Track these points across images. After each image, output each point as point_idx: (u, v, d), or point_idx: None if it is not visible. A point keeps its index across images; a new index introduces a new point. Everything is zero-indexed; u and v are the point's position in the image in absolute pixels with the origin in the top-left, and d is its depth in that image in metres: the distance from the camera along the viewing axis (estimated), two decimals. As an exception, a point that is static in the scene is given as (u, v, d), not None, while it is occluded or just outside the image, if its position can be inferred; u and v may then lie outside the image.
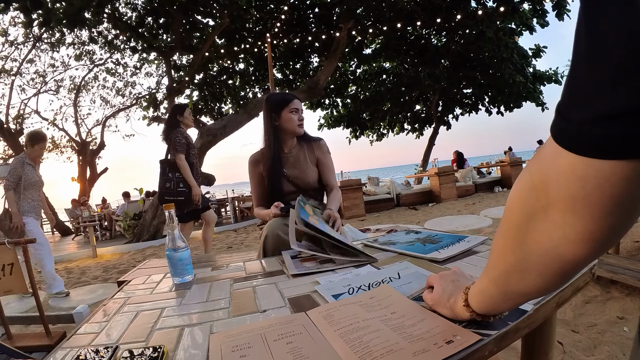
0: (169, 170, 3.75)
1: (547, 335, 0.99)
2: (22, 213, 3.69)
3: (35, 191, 3.87)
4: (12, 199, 3.66)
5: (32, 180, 3.80)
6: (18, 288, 1.83)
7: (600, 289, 2.46)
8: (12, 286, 1.81)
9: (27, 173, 3.75)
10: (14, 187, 3.67)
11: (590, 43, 0.29)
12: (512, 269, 0.48)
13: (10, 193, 3.65)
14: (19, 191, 3.70)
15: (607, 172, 0.31)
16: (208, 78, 10.78)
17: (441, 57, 12.80)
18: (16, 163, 3.73)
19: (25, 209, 3.73)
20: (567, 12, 8.01)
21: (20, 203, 3.70)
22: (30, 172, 3.79)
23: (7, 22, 12.09)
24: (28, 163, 3.80)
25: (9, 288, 1.81)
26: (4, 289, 1.81)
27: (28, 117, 14.99)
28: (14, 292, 1.83)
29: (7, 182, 3.65)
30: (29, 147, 3.82)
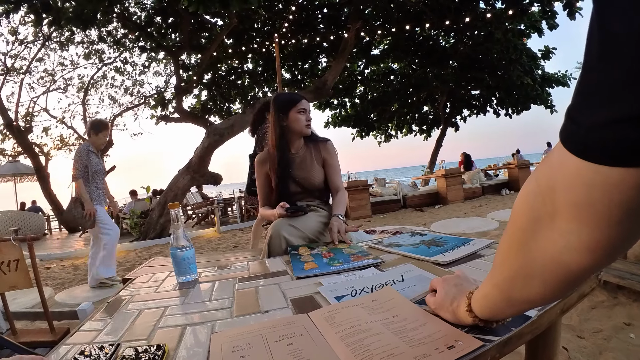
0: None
1: (551, 341, 0.97)
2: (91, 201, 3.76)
3: (100, 179, 3.95)
4: (83, 186, 3.73)
5: (97, 168, 3.87)
6: (22, 284, 1.85)
7: (607, 294, 2.43)
8: (16, 282, 1.84)
9: (92, 161, 3.81)
10: (82, 176, 3.74)
11: (602, 45, 0.29)
12: (516, 274, 0.47)
13: (80, 181, 3.72)
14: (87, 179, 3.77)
15: (615, 179, 0.30)
16: (216, 78, 10.83)
17: (449, 58, 12.74)
18: (81, 152, 3.77)
19: (92, 197, 3.80)
20: (578, 10, 7.89)
21: (88, 191, 3.78)
22: (94, 160, 3.85)
23: (17, 21, 12.21)
24: (92, 151, 3.85)
25: (14, 283, 1.84)
26: (9, 285, 1.83)
27: (37, 115, 15.15)
28: (18, 288, 1.85)
29: (76, 170, 3.72)
30: (93, 135, 3.87)
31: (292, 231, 1.69)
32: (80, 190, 3.72)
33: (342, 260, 1.29)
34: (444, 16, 9.42)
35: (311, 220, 1.79)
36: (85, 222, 3.72)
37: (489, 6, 9.51)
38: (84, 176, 3.76)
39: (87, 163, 3.77)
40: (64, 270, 5.52)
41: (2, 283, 1.84)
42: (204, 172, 8.62)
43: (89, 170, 3.78)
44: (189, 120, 9.70)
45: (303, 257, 1.39)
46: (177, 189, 8.40)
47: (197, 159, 8.46)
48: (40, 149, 14.97)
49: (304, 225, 1.74)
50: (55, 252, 7.45)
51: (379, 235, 1.82)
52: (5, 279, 1.83)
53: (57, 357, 0.77)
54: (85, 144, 3.85)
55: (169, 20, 8.81)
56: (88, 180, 3.79)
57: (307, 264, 1.29)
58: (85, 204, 3.70)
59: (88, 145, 3.85)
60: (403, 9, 9.92)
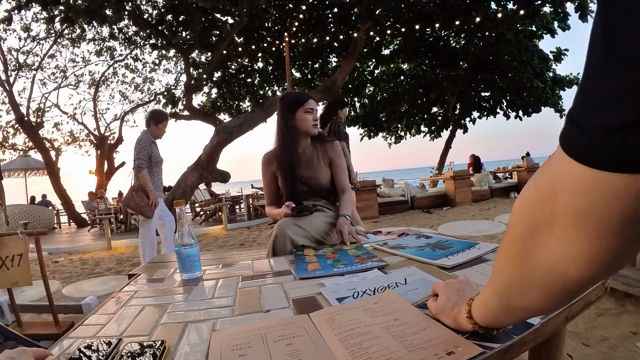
0: None
1: (555, 349, 0.96)
2: None
3: (160, 169, 3.98)
4: (147, 176, 3.75)
5: (158, 158, 3.90)
6: (23, 280, 1.86)
7: (614, 301, 2.40)
8: (17, 278, 1.83)
9: (154, 151, 3.84)
10: (147, 166, 3.76)
11: (605, 50, 0.28)
12: (513, 282, 0.46)
13: (145, 171, 3.74)
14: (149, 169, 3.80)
15: (617, 186, 0.29)
16: (226, 76, 10.85)
17: (460, 59, 12.66)
18: (145, 142, 3.77)
19: (154, 186, 3.83)
20: (590, 12, 7.81)
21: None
22: (155, 151, 3.88)
23: (30, 18, 12.37)
24: (153, 141, 3.88)
25: (15, 280, 1.83)
26: (10, 281, 1.83)
27: (48, 111, 15.37)
28: (19, 285, 1.85)
29: (140, 160, 3.72)
30: (154, 125, 3.89)
31: (298, 231, 1.69)
32: (145, 180, 3.74)
33: (345, 262, 1.29)
34: (455, 16, 9.35)
35: (317, 220, 1.78)
36: (147, 211, 3.75)
37: (500, 7, 9.43)
38: (147, 166, 3.78)
39: (150, 153, 3.79)
40: (72, 264, 5.59)
41: (4, 279, 1.84)
42: (212, 169, 8.67)
43: (152, 161, 3.83)
44: (198, 117, 9.75)
45: (307, 258, 1.39)
46: (185, 186, 8.45)
47: (206, 157, 8.50)
48: (51, 144, 15.19)
49: (309, 225, 1.74)
50: (64, 246, 7.54)
51: (384, 237, 1.81)
52: (7, 274, 1.83)
53: (60, 350, 0.78)
54: (146, 135, 3.84)
55: (180, 19, 8.85)
56: (151, 170, 3.82)
57: (311, 264, 1.29)
58: (149, 194, 3.73)
59: (149, 135, 3.86)
60: (413, 9, 9.87)
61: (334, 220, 1.84)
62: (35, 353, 0.63)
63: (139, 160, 3.71)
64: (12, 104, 11.57)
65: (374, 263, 1.23)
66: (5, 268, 1.81)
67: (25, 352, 0.61)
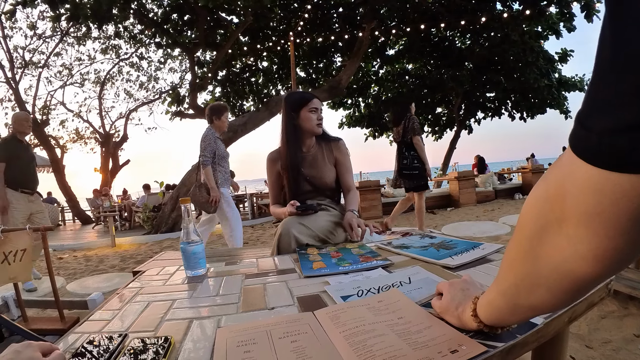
0: (406, 149, 4.76)
1: (558, 350, 0.96)
2: (219, 185, 3.84)
3: (226, 162, 4.01)
4: (210, 173, 3.79)
5: (224, 152, 3.94)
6: (23, 276, 1.86)
7: (618, 304, 2.39)
8: (17, 273, 1.84)
9: (219, 146, 3.87)
10: (210, 162, 3.80)
11: (615, 50, 0.28)
12: (521, 281, 0.47)
13: (209, 168, 3.78)
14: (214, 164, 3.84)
15: (625, 186, 0.30)
16: (231, 75, 10.87)
17: (465, 59, 12.62)
18: (209, 139, 3.80)
19: (221, 181, 3.88)
20: (596, 13, 7.77)
21: (216, 175, 3.85)
22: (220, 145, 3.91)
23: (36, 16, 12.46)
24: (217, 137, 3.91)
25: (14, 275, 1.84)
26: (10, 276, 1.83)
27: (54, 109, 15.44)
28: (17, 280, 1.86)
29: (205, 157, 3.76)
30: (216, 120, 3.91)
31: (302, 229, 1.69)
32: (209, 177, 3.77)
33: (350, 260, 1.29)
34: (460, 17, 9.33)
35: (321, 219, 1.79)
36: (208, 207, 3.80)
37: (505, 7, 9.39)
38: (211, 162, 3.82)
39: (215, 149, 3.81)
40: (76, 261, 5.62)
41: (4, 274, 1.84)
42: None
43: (217, 155, 3.85)
44: (203, 116, 9.76)
45: (311, 257, 1.39)
46: (190, 184, 8.45)
47: (211, 155, 8.52)
48: (57, 141, 15.29)
49: (314, 224, 1.74)
50: (68, 242, 7.58)
51: (388, 236, 1.81)
52: (8, 269, 1.84)
53: (66, 345, 0.78)
54: (210, 130, 3.86)
55: (185, 18, 8.88)
56: (215, 165, 3.85)
57: (316, 263, 1.29)
58: (211, 191, 3.75)
59: (213, 131, 3.88)
60: (419, 9, 9.85)
61: (338, 219, 1.84)
62: (41, 347, 0.63)
63: (203, 157, 3.77)
64: (18, 101, 11.66)
65: (378, 262, 1.23)
66: (6, 263, 1.81)
67: (31, 346, 0.62)
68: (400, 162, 4.83)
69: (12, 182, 3.87)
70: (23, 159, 4.03)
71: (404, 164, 4.77)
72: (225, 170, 3.96)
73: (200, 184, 3.84)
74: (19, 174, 3.94)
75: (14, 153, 3.94)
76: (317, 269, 1.22)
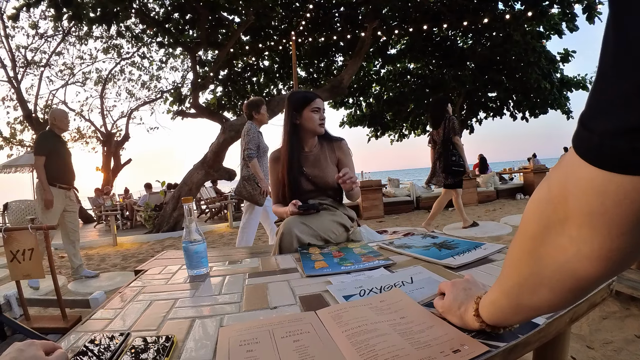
0: (453, 147, 5.07)
1: (559, 351, 0.96)
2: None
3: (266, 157, 4.02)
4: (257, 165, 3.86)
5: (265, 147, 4.00)
6: (36, 273, 1.89)
7: (619, 305, 2.39)
8: (30, 271, 1.88)
9: (261, 141, 3.95)
10: (256, 155, 3.88)
11: (618, 52, 0.28)
12: (524, 281, 0.47)
13: (255, 161, 3.85)
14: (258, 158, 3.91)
15: (628, 187, 0.30)
16: (232, 74, 10.87)
17: (467, 59, 12.59)
18: (253, 132, 3.89)
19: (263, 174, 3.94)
20: (597, 14, 7.77)
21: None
22: (262, 139, 3.99)
23: (38, 16, 12.49)
24: (259, 131, 3.98)
25: (27, 272, 1.87)
26: (23, 274, 1.87)
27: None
28: (31, 277, 1.89)
29: (250, 150, 3.83)
30: (256, 114, 4.01)
31: (304, 229, 1.69)
32: (256, 169, 3.86)
33: (352, 260, 1.29)
34: (462, 17, 9.32)
35: (323, 219, 1.79)
36: (260, 199, 3.91)
37: (508, 7, 9.38)
38: (264, 154, 3.94)
39: (258, 143, 3.90)
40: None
41: (17, 271, 1.88)
42: (218, 167, 8.69)
43: (260, 149, 3.93)
44: (205, 115, 9.78)
45: (313, 256, 1.39)
46: (191, 184, 8.48)
47: (212, 155, 8.52)
48: (58, 140, 15.25)
49: (316, 223, 1.74)
50: (70, 241, 7.57)
51: (390, 236, 1.81)
52: (20, 267, 1.87)
53: (68, 344, 0.79)
54: (252, 125, 3.95)
55: (187, 17, 8.88)
56: (259, 158, 3.91)
57: (318, 262, 1.29)
58: (260, 182, 3.86)
59: (255, 125, 3.97)
60: (421, 9, 9.84)
61: (340, 219, 1.85)
62: (43, 345, 0.63)
63: (248, 150, 3.83)
64: (20, 100, 11.68)
65: (380, 262, 1.24)
66: (16, 261, 1.83)
67: (34, 344, 0.62)
68: (448, 159, 5.06)
69: (50, 177, 3.90)
70: (62, 154, 4.07)
71: (452, 160, 5.04)
72: (265, 164, 3.99)
73: (246, 177, 3.92)
74: (57, 169, 3.97)
75: (54, 148, 3.98)
76: (319, 268, 1.22)
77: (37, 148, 3.93)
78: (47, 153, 3.90)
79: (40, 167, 3.86)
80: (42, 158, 3.86)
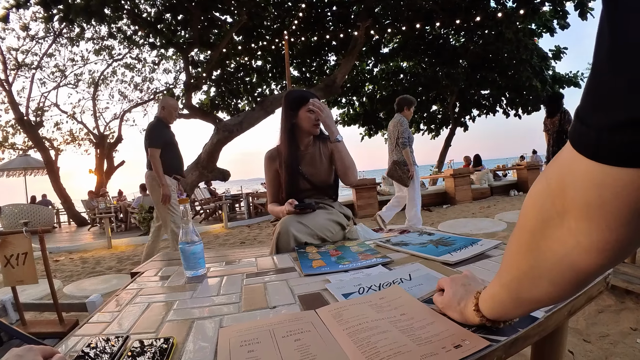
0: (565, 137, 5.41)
1: (557, 344, 0.97)
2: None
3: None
4: (409, 153, 4.69)
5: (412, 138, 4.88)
6: (29, 278, 1.87)
7: (615, 298, 2.41)
8: (23, 276, 1.85)
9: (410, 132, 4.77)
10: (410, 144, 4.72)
11: (613, 46, 0.29)
12: (524, 275, 0.47)
13: (407, 149, 4.70)
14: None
15: (625, 180, 0.30)
16: (225, 74, 10.84)
17: (459, 57, 12.65)
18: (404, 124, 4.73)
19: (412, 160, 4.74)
20: (590, 10, 7.82)
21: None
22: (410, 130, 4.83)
23: (29, 17, 12.37)
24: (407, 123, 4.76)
25: (21, 278, 1.85)
26: (16, 279, 1.85)
27: (48, 110, 15.34)
28: (25, 283, 1.86)
29: (404, 139, 4.68)
30: (408, 110, 4.81)
31: (301, 228, 1.69)
32: (408, 156, 4.69)
33: (350, 258, 1.29)
34: (455, 15, 9.36)
35: (320, 218, 1.79)
36: (407, 180, 4.76)
37: (500, 5, 9.43)
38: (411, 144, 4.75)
39: (409, 134, 4.72)
40: (73, 263, 5.59)
41: (10, 277, 1.85)
42: (212, 168, 8.67)
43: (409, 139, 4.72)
44: (198, 116, 9.74)
45: (311, 255, 1.39)
46: (185, 185, 8.43)
47: (206, 155, 8.50)
48: (51, 143, 15.17)
49: (312, 222, 1.74)
50: (64, 245, 7.54)
51: (386, 234, 1.82)
52: (13, 272, 1.84)
53: (66, 348, 0.78)
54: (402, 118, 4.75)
55: (179, 17, 8.84)
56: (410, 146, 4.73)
57: (315, 261, 1.29)
58: (410, 166, 4.70)
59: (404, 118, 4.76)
60: (413, 8, 9.86)
61: (336, 217, 1.85)
62: (42, 351, 0.63)
63: (402, 139, 4.68)
64: (12, 103, 11.56)
65: (378, 259, 1.24)
66: (10, 267, 1.81)
67: (32, 350, 0.61)
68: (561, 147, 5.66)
69: (166, 168, 3.79)
70: (175, 144, 4.00)
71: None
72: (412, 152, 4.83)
73: (396, 162, 4.80)
74: (172, 160, 3.90)
75: (168, 138, 3.90)
76: (317, 267, 1.22)
77: (152, 140, 3.78)
78: (163, 144, 3.80)
79: (157, 159, 3.71)
80: (158, 150, 3.73)
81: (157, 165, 3.72)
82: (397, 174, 4.75)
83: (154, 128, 3.88)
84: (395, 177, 4.80)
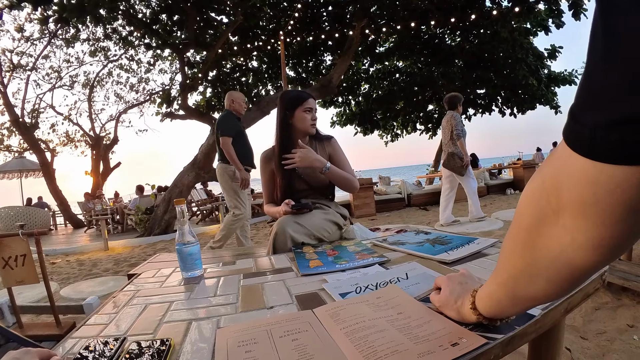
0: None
1: (554, 341, 0.97)
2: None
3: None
4: (464, 144, 5.12)
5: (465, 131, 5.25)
6: (30, 279, 1.87)
7: (611, 295, 2.42)
8: (23, 277, 1.85)
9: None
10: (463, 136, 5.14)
11: (606, 44, 0.29)
12: (520, 273, 0.47)
13: (462, 140, 5.13)
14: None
15: (619, 178, 0.30)
16: (221, 75, 10.82)
17: (455, 56, 12.66)
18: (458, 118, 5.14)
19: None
20: (583, 11, 7.87)
21: None
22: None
23: (24, 19, 12.29)
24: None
25: (21, 278, 1.85)
26: (16, 280, 1.85)
27: (43, 112, 15.27)
28: (25, 283, 1.86)
29: (458, 131, 5.14)
30: (459, 106, 5.31)
31: (297, 228, 1.69)
32: (463, 146, 5.14)
33: (347, 258, 1.29)
34: (450, 14, 9.37)
35: (316, 218, 1.79)
36: (462, 170, 5.22)
37: (495, 4, 9.45)
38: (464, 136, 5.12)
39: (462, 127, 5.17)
40: (69, 265, 5.56)
41: (10, 278, 1.85)
42: (209, 169, 8.64)
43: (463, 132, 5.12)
44: (194, 117, 9.71)
45: (308, 255, 1.39)
46: (182, 186, 8.42)
47: (203, 156, 8.47)
48: (46, 145, 15.10)
49: (309, 222, 1.74)
50: (60, 247, 7.50)
51: (383, 233, 1.82)
52: (12, 273, 1.84)
53: (63, 351, 0.77)
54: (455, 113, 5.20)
55: (175, 18, 8.82)
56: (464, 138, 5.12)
57: (312, 261, 1.29)
58: (465, 157, 5.16)
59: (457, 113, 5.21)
60: (409, 7, 9.87)
61: (333, 217, 1.85)
62: (39, 353, 0.62)
63: (457, 131, 5.10)
64: (7, 105, 11.51)
65: (375, 259, 1.24)
66: (9, 268, 1.81)
67: (30, 353, 0.61)
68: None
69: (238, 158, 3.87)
70: (245, 135, 4.11)
71: None
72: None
73: (452, 153, 5.23)
74: (243, 148, 3.97)
75: (239, 129, 4.00)
76: (314, 267, 1.22)
77: (224, 128, 3.89)
78: (234, 134, 3.88)
79: (229, 146, 3.81)
80: (229, 139, 3.83)
81: (231, 152, 3.83)
82: (454, 165, 5.18)
83: (226, 118, 4.03)
84: (452, 168, 5.23)
